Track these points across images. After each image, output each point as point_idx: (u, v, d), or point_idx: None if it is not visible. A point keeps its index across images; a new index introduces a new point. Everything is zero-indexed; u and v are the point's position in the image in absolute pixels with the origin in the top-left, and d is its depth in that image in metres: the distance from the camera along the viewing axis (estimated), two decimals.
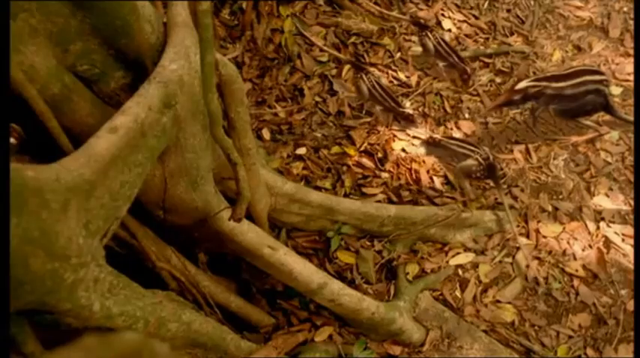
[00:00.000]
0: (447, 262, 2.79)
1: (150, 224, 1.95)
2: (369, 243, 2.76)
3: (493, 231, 2.90)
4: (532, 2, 3.77)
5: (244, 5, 3.41)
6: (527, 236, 2.92)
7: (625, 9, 3.80)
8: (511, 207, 2.99)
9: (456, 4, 3.68)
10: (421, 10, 3.64)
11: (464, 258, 2.83)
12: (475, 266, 2.81)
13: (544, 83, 2.99)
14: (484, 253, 2.85)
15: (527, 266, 2.82)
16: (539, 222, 2.96)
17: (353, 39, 3.46)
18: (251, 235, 2.02)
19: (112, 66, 1.50)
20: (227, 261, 2.37)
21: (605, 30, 3.69)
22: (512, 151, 3.19)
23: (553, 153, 3.20)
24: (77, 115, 1.39)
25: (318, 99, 3.23)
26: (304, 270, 2.15)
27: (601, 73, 3.07)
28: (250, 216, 2.26)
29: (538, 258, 2.85)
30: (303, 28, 3.42)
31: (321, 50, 3.39)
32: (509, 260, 2.84)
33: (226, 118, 1.78)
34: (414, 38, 3.51)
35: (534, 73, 3.47)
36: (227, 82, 1.64)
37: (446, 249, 2.83)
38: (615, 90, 3.45)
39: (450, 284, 2.75)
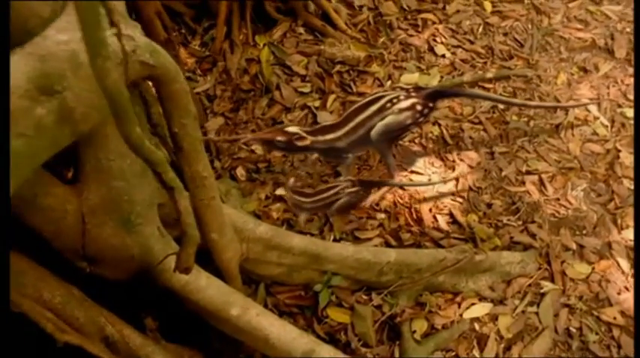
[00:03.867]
0: (461, 315, 2.28)
1: (79, 279, 1.44)
2: (365, 297, 2.24)
3: (512, 275, 2.40)
4: (529, 26, 3.41)
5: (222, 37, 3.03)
6: (552, 279, 2.42)
7: (628, 29, 3.44)
8: (529, 246, 2.50)
9: (450, 29, 3.31)
10: (411, 36, 3.27)
11: (480, 310, 2.31)
12: (494, 318, 2.30)
13: (312, 137, 2.33)
14: (503, 302, 2.34)
15: (556, 315, 2.31)
16: (563, 262, 2.47)
17: (338, 67, 3.05)
18: (211, 292, 1.52)
19: None
20: (190, 324, 1.84)
21: (610, 51, 3.32)
22: (523, 183, 2.73)
23: (570, 183, 2.74)
24: None
25: None
26: (284, 335, 1.63)
27: (380, 98, 2.43)
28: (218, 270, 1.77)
29: (567, 306, 2.35)
30: (282, 57, 3.02)
31: (303, 80, 2.99)
32: (534, 309, 2.33)
33: (170, 135, 1.32)
34: (406, 64, 3.13)
35: (539, 97, 3.07)
36: (162, 80, 1.17)
37: (458, 299, 2.32)
38: (628, 112, 3.05)
39: (465, 342, 2.23)
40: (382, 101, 2.41)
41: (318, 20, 3.14)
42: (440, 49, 3.22)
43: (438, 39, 3.27)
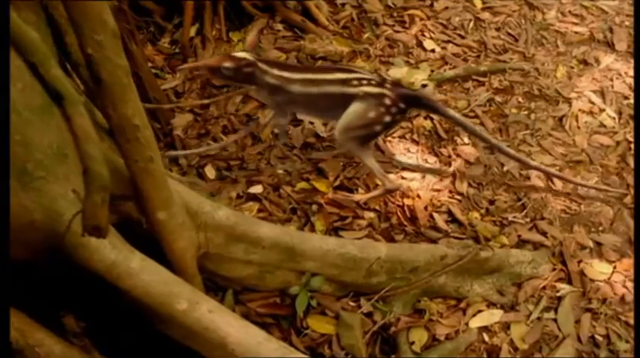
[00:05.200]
0: (467, 324, 1.92)
1: None
2: (353, 304, 1.88)
3: (523, 277, 2.05)
4: (523, 21, 3.18)
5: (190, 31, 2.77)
6: (569, 281, 2.07)
7: (627, 23, 3.21)
8: (540, 245, 2.17)
9: (440, 24, 3.06)
10: (397, 32, 3.02)
11: (489, 317, 1.95)
12: (506, 326, 1.94)
13: (264, 66, 2.01)
14: (515, 308, 1.98)
15: (578, 321, 1.95)
16: (580, 262, 2.12)
17: (320, 63, 2.78)
18: (147, 278, 1.16)
19: None
20: (135, 327, 1.47)
21: (610, 44, 3.07)
22: (528, 178, 2.42)
23: (580, 177, 2.43)
24: None
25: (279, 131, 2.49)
26: (246, 338, 1.26)
27: (351, 71, 2.13)
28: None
29: (590, 310, 1.99)
30: (258, 53, 2.75)
31: None
32: (551, 315, 1.97)
33: (86, 63, 1.00)
34: (393, 59, 2.86)
35: (539, 90, 2.80)
36: None
37: (462, 305, 1.96)
38: None
39: (474, 355, 1.86)
40: (351, 75, 2.07)
41: (298, 15, 2.89)
42: (429, 44, 2.95)
43: (426, 34, 3.01)
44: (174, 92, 2.58)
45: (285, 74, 2.06)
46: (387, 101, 2.05)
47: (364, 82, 2.05)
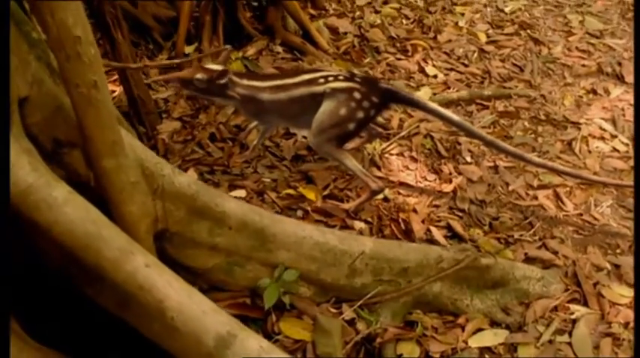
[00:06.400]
0: (466, 342, 1.64)
1: None
2: (334, 310, 1.63)
3: (531, 295, 1.79)
4: (528, 54, 3.09)
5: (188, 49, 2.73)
6: (585, 302, 1.80)
7: None
8: (551, 264, 1.92)
9: (444, 53, 2.98)
10: (399, 59, 2.94)
11: (492, 337, 1.68)
12: (512, 348, 1.66)
13: (236, 78, 1.92)
14: (523, 328, 1.71)
15: (597, 347, 1.67)
16: (597, 283, 1.86)
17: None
18: (71, 212, 0.97)
19: None
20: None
21: (619, 76, 2.95)
22: (536, 198, 2.21)
23: (592, 198, 2.21)
24: None
25: (269, 143, 2.34)
26: (190, 305, 1.05)
27: (317, 71, 2.04)
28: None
29: (610, 335, 1.71)
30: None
31: None
32: (565, 338, 1.70)
33: None
34: (393, 82, 2.75)
35: (546, 116, 2.64)
36: None
37: (461, 321, 1.70)
38: None
39: None
40: (317, 74, 1.95)
41: (298, 38, 2.84)
42: (431, 70, 2.85)
43: (429, 62, 2.92)
44: (164, 100, 2.48)
45: (255, 83, 1.96)
46: (357, 95, 1.91)
47: (330, 78, 1.93)
